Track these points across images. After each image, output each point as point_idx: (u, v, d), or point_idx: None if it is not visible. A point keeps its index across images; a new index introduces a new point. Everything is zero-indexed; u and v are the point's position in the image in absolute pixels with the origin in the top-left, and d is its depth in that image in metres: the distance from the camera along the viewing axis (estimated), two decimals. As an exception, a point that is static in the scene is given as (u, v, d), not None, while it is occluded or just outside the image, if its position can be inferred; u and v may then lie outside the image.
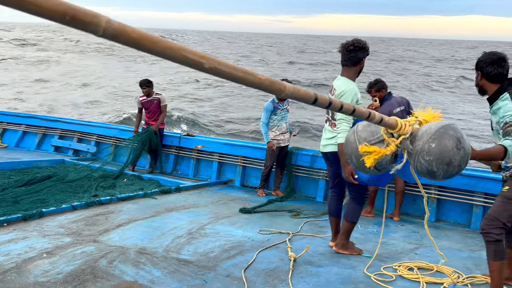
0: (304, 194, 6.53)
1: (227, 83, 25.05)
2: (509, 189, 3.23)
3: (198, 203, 5.79)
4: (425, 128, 1.94)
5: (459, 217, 5.45)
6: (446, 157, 1.90)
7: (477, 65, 3.29)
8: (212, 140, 7.52)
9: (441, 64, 46.88)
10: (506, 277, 3.58)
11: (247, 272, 3.67)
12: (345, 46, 4.00)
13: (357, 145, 2.06)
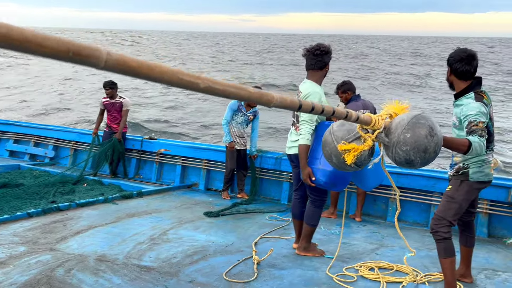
0: (268, 196, 6.55)
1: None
2: (452, 188, 3.35)
3: (161, 208, 5.70)
4: (398, 120, 2.02)
5: (418, 217, 5.61)
6: (422, 145, 1.99)
7: (448, 61, 3.35)
8: (175, 143, 7.42)
9: (404, 61, 48.15)
10: (461, 274, 3.72)
11: (210, 277, 3.64)
12: (311, 50, 4.04)
13: (336, 144, 2.12)
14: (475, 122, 3.05)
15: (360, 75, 32.62)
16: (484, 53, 59.31)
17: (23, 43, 0.83)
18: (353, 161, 2.09)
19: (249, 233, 4.81)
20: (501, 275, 3.95)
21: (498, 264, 4.22)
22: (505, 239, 4.99)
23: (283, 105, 1.47)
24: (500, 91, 24.91)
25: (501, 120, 16.53)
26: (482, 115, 3.10)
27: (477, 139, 2.94)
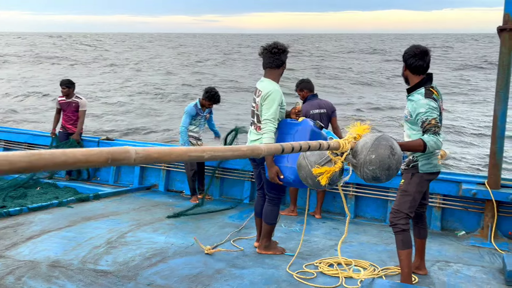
0: (231, 196, 6.52)
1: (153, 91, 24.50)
2: (404, 182, 3.51)
3: (119, 211, 5.55)
4: (362, 143, 2.30)
5: (376, 212, 5.75)
6: (386, 164, 2.29)
7: (403, 57, 3.51)
8: (133, 144, 7.25)
9: (362, 58, 49.34)
10: (416, 266, 3.84)
11: (169, 279, 3.57)
12: (268, 49, 4.05)
13: (310, 168, 2.39)
14: (428, 121, 3.27)
15: (323, 74, 33.16)
16: (443, 48, 61.81)
17: (76, 163, 1.06)
18: (327, 182, 2.36)
19: (209, 234, 4.76)
20: (453, 266, 4.10)
21: (451, 256, 4.39)
22: (457, 231, 5.20)
23: (269, 153, 1.82)
24: (449, 86, 25.96)
25: (450, 115, 17.27)
26: (433, 111, 3.30)
27: (430, 137, 3.20)
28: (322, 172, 2.35)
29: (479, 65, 38.41)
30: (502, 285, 3.71)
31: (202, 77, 31.43)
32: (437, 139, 3.23)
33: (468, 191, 4.92)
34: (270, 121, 3.88)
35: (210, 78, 29.98)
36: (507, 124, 4.95)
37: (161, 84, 26.95)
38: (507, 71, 4.71)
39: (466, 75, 32.88)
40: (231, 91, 24.86)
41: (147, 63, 42.33)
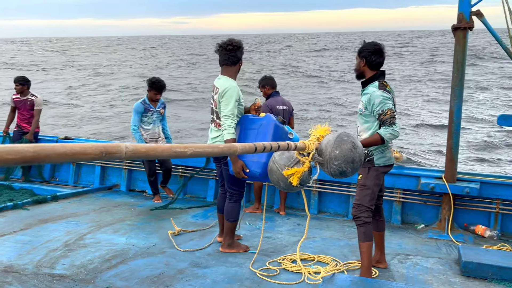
0: (195, 195, 6.44)
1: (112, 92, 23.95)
2: (362, 176, 3.63)
3: (78, 212, 5.38)
4: (326, 141, 2.46)
5: (338, 207, 5.83)
6: (350, 157, 2.44)
7: (361, 53, 3.62)
8: (95, 141, 7.05)
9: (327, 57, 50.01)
10: (376, 260, 3.91)
11: (130, 280, 3.49)
12: (223, 46, 4.06)
13: (281, 171, 2.50)
14: (384, 112, 3.46)
15: (287, 72, 33.38)
16: (406, 44, 63.53)
17: (75, 155, 1.15)
18: (298, 182, 2.47)
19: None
20: (412, 259, 4.21)
21: (410, 249, 4.50)
22: (416, 225, 5.34)
23: (245, 151, 1.86)
24: (410, 81, 26.72)
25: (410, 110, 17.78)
26: (387, 101, 3.48)
27: (386, 130, 3.42)
28: (293, 173, 2.45)
29: (444, 61, 39.71)
30: (457, 275, 3.83)
31: (182, 77, 31.03)
32: (393, 129, 3.43)
33: (426, 185, 5.05)
34: (229, 117, 3.88)
35: (192, 80, 29.61)
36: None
37: (134, 87, 26.39)
38: (461, 68, 4.86)
39: (432, 69, 33.99)
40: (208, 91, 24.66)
41: (120, 67, 41.37)
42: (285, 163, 2.50)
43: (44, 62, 45.61)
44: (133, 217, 5.30)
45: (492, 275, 3.71)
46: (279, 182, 2.57)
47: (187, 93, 23.56)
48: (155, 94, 5.85)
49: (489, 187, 5.04)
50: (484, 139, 13.80)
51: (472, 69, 31.53)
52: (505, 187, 5.01)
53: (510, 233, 5.09)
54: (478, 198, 5.11)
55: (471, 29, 4.78)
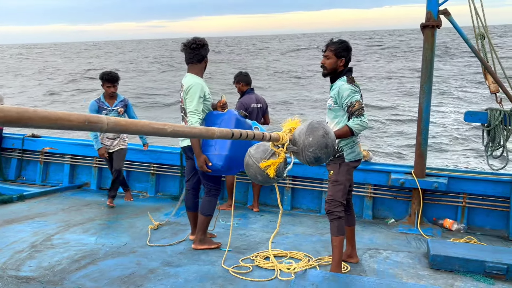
0: (167, 193, 6.37)
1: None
2: (334, 172, 3.70)
3: (46, 212, 5.23)
4: (298, 131, 2.50)
5: (311, 203, 5.87)
6: (323, 143, 2.47)
7: (340, 53, 3.67)
8: (62, 141, 6.87)
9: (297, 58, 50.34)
10: (348, 255, 3.96)
11: (99, 281, 3.41)
12: (187, 45, 4.12)
13: (257, 164, 2.51)
14: (352, 104, 3.55)
15: (265, 72, 33.40)
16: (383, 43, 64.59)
17: (58, 120, 1.13)
18: (275, 173, 2.49)
19: (143, 233, 4.61)
20: (383, 253, 4.28)
21: (381, 243, 4.57)
22: (387, 219, 5.43)
23: (222, 136, 1.85)
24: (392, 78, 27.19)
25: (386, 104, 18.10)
26: (355, 93, 3.58)
27: (355, 122, 3.52)
28: (269, 165, 2.49)
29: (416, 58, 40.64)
30: (426, 268, 3.92)
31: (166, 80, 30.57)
32: (361, 120, 3.52)
33: (396, 180, 5.15)
34: (194, 113, 3.95)
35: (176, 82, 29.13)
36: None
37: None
38: (430, 66, 4.96)
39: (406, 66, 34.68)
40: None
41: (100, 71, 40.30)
42: (261, 156, 2.54)
43: (20, 68, 44.15)
44: (104, 216, 5.20)
45: (459, 267, 3.81)
46: (256, 176, 2.57)
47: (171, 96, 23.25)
48: (108, 87, 5.51)
49: (456, 181, 5.17)
50: (452, 134, 14.19)
51: (444, 65, 32.42)
52: (472, 182, 5.16)
53: (476, 226, 5.24)
54: (446, 192, 5.24)
55: (439, 27, 4.88)
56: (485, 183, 5.12)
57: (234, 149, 3.74)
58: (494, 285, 3.61)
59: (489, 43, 4.78)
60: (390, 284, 3.16)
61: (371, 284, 3.13)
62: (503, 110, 4.77)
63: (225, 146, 3.77)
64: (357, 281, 3.19)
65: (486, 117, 4.83)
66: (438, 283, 3.61)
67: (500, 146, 4.81)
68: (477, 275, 3.75)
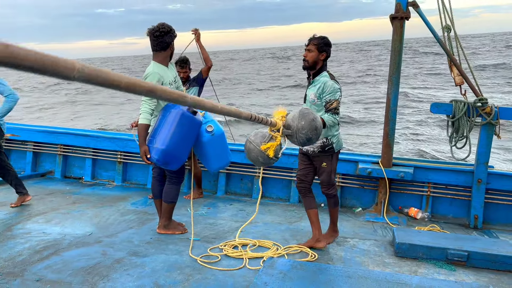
0: (134, 182, 6.25)
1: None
2: (327, 164, 4.03)
3: (6, 201, 5.04)
4: (291, 117, 2.86)
5: (280, 192, 5.89)
6: (313, 126, 2.84)
7: (321, 47, 3.85)
8: (25, 128, 6.62)
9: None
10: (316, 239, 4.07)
11: (62, 272, 3.31)
12: (151, 32, 4.01)
13: (259, 148, 2.85)
14: (331, 102, 3.79)
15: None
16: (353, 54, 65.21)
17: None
18: (274, 154, 2.85)
19: (109, 222, 4.51)
20: (350, 241, 4.34)
21: (348, 231, 4.64)
22: (354, 208, 5.52)
23: (194, 103, 1.56)
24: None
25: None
26: (336, 92, 3.79)
27: (329, 117, 3.77)
28: (269, 147, 2.87)
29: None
30: (392, 256, 4.01)
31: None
32: (334, 118, 3.82)
33: (364, 170, 5.22)
34: (146, 101, 3.91)
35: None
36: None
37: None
38: (398, 57, 5.02)
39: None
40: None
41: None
42: (260, 140, 2.90)
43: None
44: (69, 205, 5.06)
45: (423, 254, 3.92)
46: (258, 158, 2.91)
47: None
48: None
49: (421, 171, 5.29)
50: (418, 124, 14.55)
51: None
52: (436, 172, 5.29)
53: (439, 214, 5.40)
54: (411, 182, 5.36)
55: (408, 19, 4.94)
56: (448, 173, 5.26)
57: (174, 145, 3.72)
58: (455, 271, 3.73)
59: (455, 36, 4.87)
60: (356, 272, 3.21)
61: (338, 272, 3.17)
62: (467, 102, 4.89)
63: (165, 141, 3.72)
64: (324, 269, 3.23)
65: (451, 109, 4.95)
66: (403, 271, 3.69)
67: (463, 137, 4.94)
68: (439, 261, 3.86)
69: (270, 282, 2.97)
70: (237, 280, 3.35)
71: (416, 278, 3.15)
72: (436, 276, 3.60)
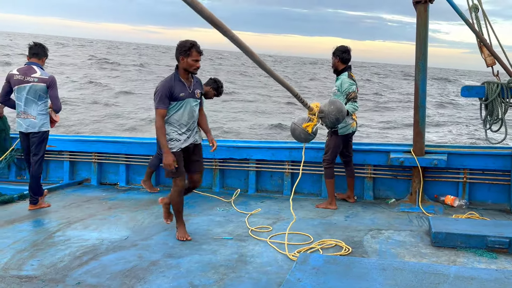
0: (167, 185, 6.37)
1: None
2: (328, 140, 5.20)
3: (47, 209, 5.23)
4: (323, 105, 4.16)
5: (311, 187, 5.85)
6: (340, 110, 4.20)
7: (335, 53, 5.10)
8: (60, 138, 6.84)
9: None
10: (348, 195, 5.37)
11: (101, 276, 3.41)
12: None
13: (301, 127, 4.07)
14: (349, 93, 5.01)
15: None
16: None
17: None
18: (312, 130, 4.04)
19: (144, 225, 4.62)
20: (385, 233, 4.27)
21: (382, 223, 4.56)
22: (388, 199, 5.42)
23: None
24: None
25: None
26: (352, 85, 5.04)
27: (350, 105, 4.99)
28: (308, 125, 4.02)
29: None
30: (428, 246, 3.91)
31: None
32: (354, 105, 5.03)
33: (395, 159, 5.12)
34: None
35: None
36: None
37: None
38: (424, 42, 4.89)
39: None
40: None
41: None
42: (301, 122, 4.08)
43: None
44: (105, 211, 5.20)
45: (461, 243, 3.80)
46: (300, 135, 4.10)
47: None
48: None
49: (456, 157, 5.14)
50: (449, 112, 14.09)
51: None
52: (471, 157, 5.12)
53: (477, 201, 5.23)
54: (446, 169, 5.21)
55: (432, 2, 4.80)
56: (485, 158, 5.08)
57: None
58: (496, 259, 3.60)
59: (483, 15, 4.69)
60: (391, 264, 3.15)
61: (372, 265, 3.12)
62: (500, 83, 4.71)
63: None
64: (358, 263, 3.19)
65: (483, 91, 4.77)
66: (440, 261, 3.60)
67: (498, 119, 4.76)
68: (479, 250, 3.74)
69: (303, 278, 2.96)
70: (270, 277, 3.36)
71: (454, 268, 3.06)
72: (476, 265, 3.49)
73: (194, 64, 3.98)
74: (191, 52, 3.94)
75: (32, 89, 4.97)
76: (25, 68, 5.04)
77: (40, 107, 5.07)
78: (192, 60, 3.97)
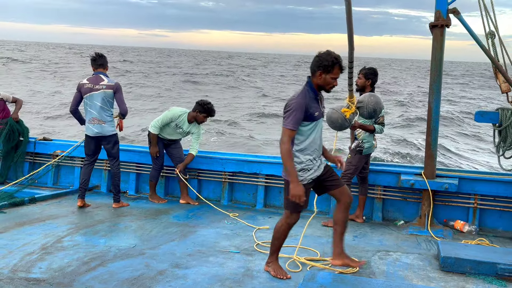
0: (176, 195, 6.39)
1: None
2: (351, 157, 5.17)
3: (57, 214, 5.28)
4: (362, 96, 4.72)
5: (319, 205, 5.83)
6: (379, 102, 4.66)
7: (368, 76, 5.10)
8: (72, 144, 6.93)
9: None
10: (356, 215, 5.31)
11: (108, 283, 3.43)
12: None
13: (339, 111, 4.37)
14: (379, 118, 5.05)
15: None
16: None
17: None
18: (349, 117, 4.34)
19: (152, 234, 4.63)
20: (393, 255, 4.24)
21: (390, 245, 4.53)
22: (397, 221, 5.38)
23: None
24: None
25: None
26: (382, 110, 4.94)
27: (378, 127, 5.12)
28: (346, 111, 4.33)
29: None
30: (436, 270, 3.87)
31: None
32: (382, 128, 5.17)
33: (406, 181, 5.10)
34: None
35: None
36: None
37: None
38: (439, 65, 4.91)
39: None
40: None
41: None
42: (340, 108, 4.40)
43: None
44: (114, 218, 5.23)
45: (470, 269, 3.76)
46: (337, 120, 4.37)
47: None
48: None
49: (467, 182, 5.11)
50: (464, 135, 14.03)
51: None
52: (483, 183, 5.09)
53: (487, 227, 5.17)
54: (457, 193, 5.17)
55: (448, 26, 4.84)
56: (496, 184, 5.05)
57: None
58: (506, 287, 3.56)
59: (500, 41, 4.72)
60: (399, 286, 3.13)
61: (380, 286, 3.10)
62: (514, 109, 4.70)
63: None
64: (365, 283, 3.17)
65: (497, 117, 4.77)
66: (449, 286, 3.56)
67: (511, 146, 4.74)
68: (489, 277, 3.69)
69: (310, 295, 2.95)
70: (277, 293, 3.35)
71: (463, 294, 3.03)
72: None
73: (332, 82, 3.45)
74: (334, 69, 3.39)
75: (102, 95, 5.43)
76: (94, 78, 5.53)
77: (109, 112, 5.56)
78: (331, 78, 3.43)
